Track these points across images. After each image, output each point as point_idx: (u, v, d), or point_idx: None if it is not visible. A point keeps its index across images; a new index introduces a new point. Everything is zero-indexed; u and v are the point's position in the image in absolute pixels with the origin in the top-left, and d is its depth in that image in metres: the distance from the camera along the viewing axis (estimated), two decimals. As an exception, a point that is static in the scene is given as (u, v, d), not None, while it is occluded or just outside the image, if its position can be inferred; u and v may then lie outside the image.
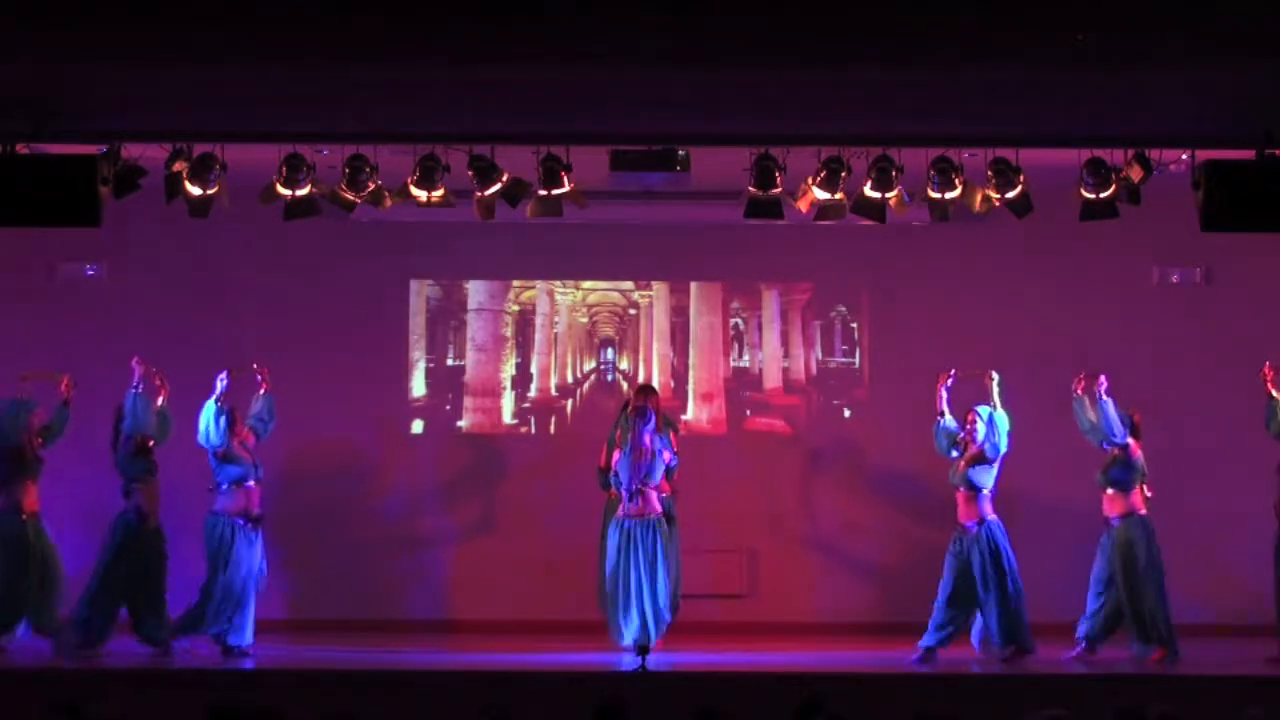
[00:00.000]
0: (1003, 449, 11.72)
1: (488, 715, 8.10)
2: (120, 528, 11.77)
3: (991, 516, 11.75)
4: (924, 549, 12.51)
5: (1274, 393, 11.80)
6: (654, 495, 12.06)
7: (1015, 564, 11.68)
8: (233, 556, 11.72)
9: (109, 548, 11.77)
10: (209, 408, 11.79)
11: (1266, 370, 11.83)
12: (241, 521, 11.78)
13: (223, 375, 11.84)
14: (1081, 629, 11.84)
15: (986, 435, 11.71)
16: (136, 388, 11.81)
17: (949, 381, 11.92)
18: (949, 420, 11.89)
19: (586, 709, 7.94)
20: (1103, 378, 11.74)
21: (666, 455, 12.10)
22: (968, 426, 11.79)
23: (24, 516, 11.87)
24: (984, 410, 11.80)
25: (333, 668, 11.34)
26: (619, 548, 11.97)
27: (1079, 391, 11.90)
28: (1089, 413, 11.83)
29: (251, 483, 11.87)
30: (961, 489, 11.78)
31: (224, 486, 11.82)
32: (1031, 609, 11.65)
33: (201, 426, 11.80)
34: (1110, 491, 11.80)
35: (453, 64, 10.16)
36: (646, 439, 12.02)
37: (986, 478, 11.74)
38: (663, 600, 11.96)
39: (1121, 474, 11.78)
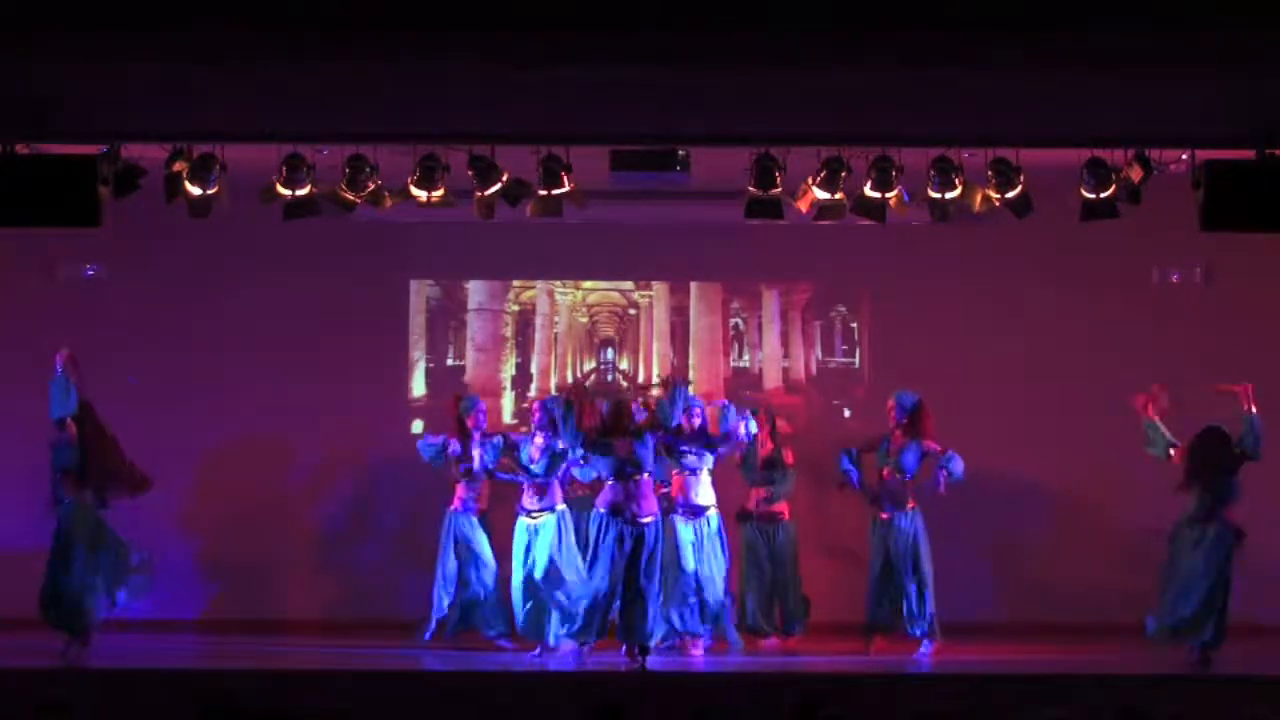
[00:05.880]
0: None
1: (489, 715, 8.11)
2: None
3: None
4: (924, 549, 12.51)
5: (1154, 419, 11.73)
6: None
7: (660, 565, 11.59)
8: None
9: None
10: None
11: (1147, 399, 11.74)
12: None
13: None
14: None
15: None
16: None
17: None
18: None
19: (586, 709, 7.95)
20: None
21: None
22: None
23: None
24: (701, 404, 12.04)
25: (333, 668, 11.35)
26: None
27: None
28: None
29: None
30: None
31: None
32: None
33: None
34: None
35: (453, 64, 10.16)
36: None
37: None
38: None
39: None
